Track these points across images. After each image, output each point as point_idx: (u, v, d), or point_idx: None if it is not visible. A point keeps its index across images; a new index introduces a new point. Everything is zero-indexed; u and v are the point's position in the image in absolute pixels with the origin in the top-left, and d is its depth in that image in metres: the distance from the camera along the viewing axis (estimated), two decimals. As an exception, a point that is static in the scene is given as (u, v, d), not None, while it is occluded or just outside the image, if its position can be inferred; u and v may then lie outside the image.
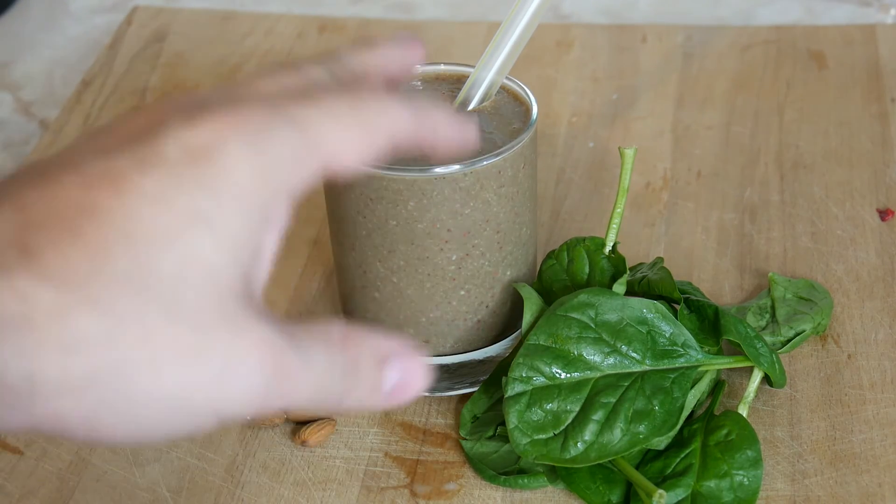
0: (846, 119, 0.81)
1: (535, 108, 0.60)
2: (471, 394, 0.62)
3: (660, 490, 0.53)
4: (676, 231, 0.73)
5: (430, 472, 0.59)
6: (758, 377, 0.60)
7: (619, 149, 0.61)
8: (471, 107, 0.60)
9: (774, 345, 0.63)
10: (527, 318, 0.59)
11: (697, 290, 0.65)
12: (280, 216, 0.37)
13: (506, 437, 0.58)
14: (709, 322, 0.60)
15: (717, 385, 0.61)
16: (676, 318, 0.59)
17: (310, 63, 0.40)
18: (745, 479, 0.56)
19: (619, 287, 0.60)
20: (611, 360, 0.57)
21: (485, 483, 0.58)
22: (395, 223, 0.58)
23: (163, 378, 0.33)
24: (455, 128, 0.40)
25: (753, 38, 0.90)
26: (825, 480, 0.58)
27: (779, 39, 0.89)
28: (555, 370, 0.56)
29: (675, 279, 0.61)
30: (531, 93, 0.61)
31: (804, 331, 0.64)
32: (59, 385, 0.32)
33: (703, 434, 0.58)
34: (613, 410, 0.56)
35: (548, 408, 0.56)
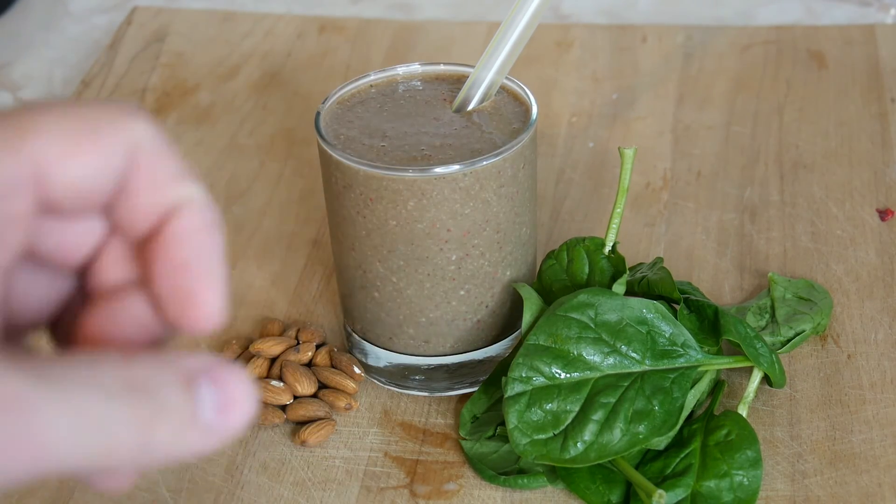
0: (846, 119, 0.81)
1: (535, 108, 0.60)
2: (471, 394, 0.62)
3: (660, 490, 0.53)
4: (676, 231, 0.73)
5: (430, 472, 0.59)
6: (758, 377, 0.60)
7: (619, 149, 0.61)
8: (471, 107, 0.60)
9: (774, 345, 0.63)
10: (526, 318, 0.59)
11: (697, 290, 0.65)
12: None
13: (506, 437, 0.58)
14: (709, 322, 0.60)
15: (717, 385, 0.61)
16: (676, 318, 0.59)
17: None
18: (745, 479, 0.56)
19: (619, 287, 0.60)
20: (610, 360, 0.57)
21: (485, 483, 0.58)
22: (395, 223, 0.58)
23: None
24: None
25: (753, 38, 0.90)
26: (825, 480, 0.58)
27: (779, 39, 0.89)
28: (554, 370, 0.56)
29: (675, 279, 0.61)
30: (531, 93, 0.61)
31: (804, 331, 0.64)
32: None
33: (703, 434, 0.58)
34: (613, 410, 0.56)
35: (547, 408, 0.56)
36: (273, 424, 0.62)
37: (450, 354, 0.62)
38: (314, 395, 0.63)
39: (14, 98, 0.91)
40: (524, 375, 0.56)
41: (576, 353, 0.57)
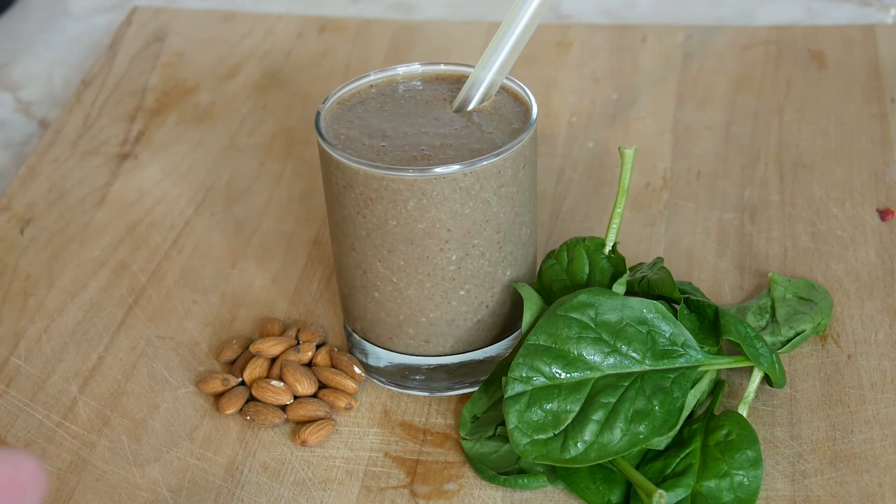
0: (846, 119, 0.81)
1: (535, 108, 0.60)
2: (471, 394, 0.62)
3: (660, 490, 0.53)
4: (676, 231, 0.73)
5: (430, 472, 0.59)
6: (758, 377, 0.60)
7: (619, 149, 0.61)
8: (471, 107, 0.60)
9: (774, 345, 0.63)
10: (527, 318, 0.59)
11: (697, 290, 0.65)
12: None
13: (506, 437, 0.58)
14: (709, 322, 0.60)
15: (717, 385, 0.61)
16: (676, 318, 0.59)
17: None
18: (745, 479, 0.56)
19: (619, 287, 0.60)
20: (611, 360, 0.57)
21: (485, 483, 0.58)
22: (395, 223, 0.58)
23: None
24: None
25: (753, 38, 0.90)
26: (825, 480, 0.58)
27: (779, 39, 0.89)
28: (555, 370, 0.56)
29: (675, 279, 0.61)
30: (531, 93, 0.61)
31: (804, 331, 0.64)
32: None
33: (703, 434, 0.58)
34: (613, 410, 0.56)
35: (548, 408, 0.56)
36: (273, 424, 0.62)
37: (450, 354, 0.62)
38: (314, 395, 0.63)
39: (14, 98, 0.91)
40: (524, 375, 0.56)
41: (576, 353, 0.57)
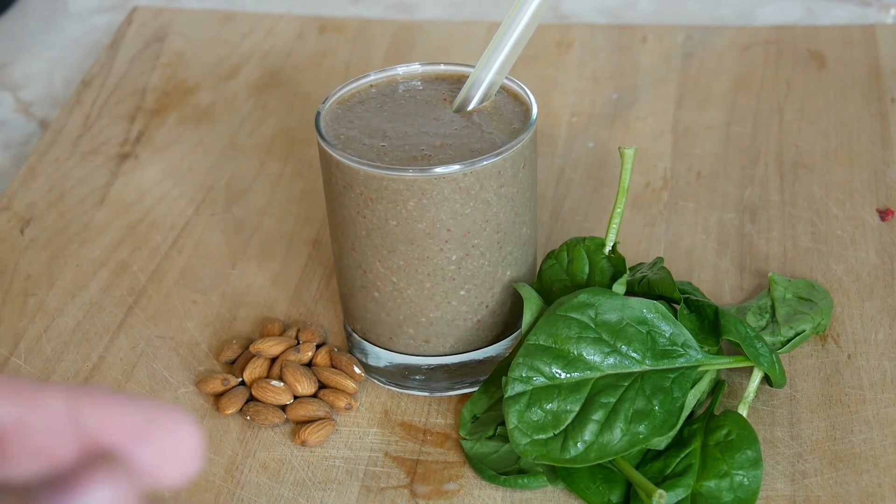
0: (846, 119, 0.81)
1: (535, 108, 0.60)
2: (471, 394, 0.62)
3: (660, 490, 0.53)
4: (676, 231, 0.73)
5: (430, 472, 0.59)
6: (758, 377, 0.60)
7: (619, 149, 0.61)
8: (471, 107, 0.60)
9: (774, 345, 0.63)
10: (527, 318, 0.59)
11: (697, 290, 0.65)
12: None
13: (506, 437, 0.58)
14: (709, 322, 0.60)
15: (717, 385, 0.61)
16: (676, 318, 0.59)
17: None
18: (745, 479, 0.56)
19: (619, 287, 0.60)
20: (611, 360, 0.57)
21: (485, 483, 0.58)
22: (395, 223, 0.58)
23: None
24: None
25: (753, 38, 0.90)
26: (825, 480, 0.58)
27: (779, 39, 0.89)
28: (555, 370, 0.56)
29: (675, 279, 0.61)
30: (531, 93, 0.61)
31: (804, 331, 0.64)
32: None
33: (703, 434, 0.58)
34: (613, 410, 0.56)
35: (548, 408, 0.56)
36: (273, 424, 0.62)
37: (450, 354, 0.62)
38: (314, 395, 0.63)
39: (14, 98, 0.91)
40: (524, 375, 0.56)
41: (576, 353, 0.57)
